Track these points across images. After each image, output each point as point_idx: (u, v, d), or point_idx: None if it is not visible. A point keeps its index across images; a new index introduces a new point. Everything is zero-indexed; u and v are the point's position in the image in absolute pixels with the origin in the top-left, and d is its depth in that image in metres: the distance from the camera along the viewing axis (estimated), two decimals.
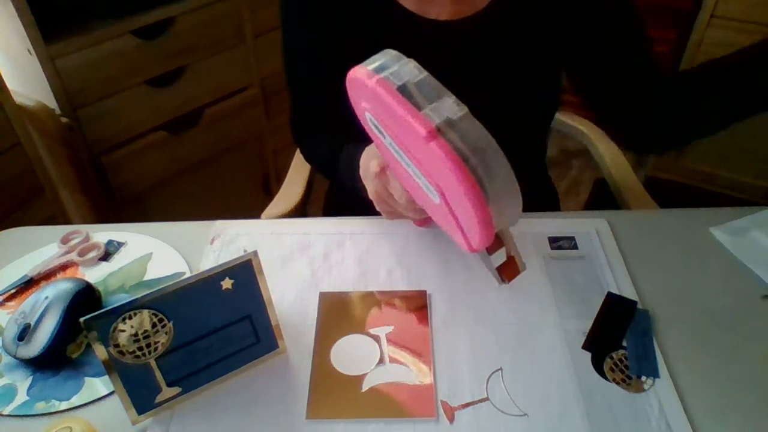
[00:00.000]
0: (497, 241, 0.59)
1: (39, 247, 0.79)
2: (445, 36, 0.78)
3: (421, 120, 0.52)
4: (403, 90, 0.54)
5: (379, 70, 0.56)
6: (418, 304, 0.69)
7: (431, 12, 0.77)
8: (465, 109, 0.53)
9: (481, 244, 0.55)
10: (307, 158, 1.00)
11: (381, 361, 0.63)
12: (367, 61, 0.58)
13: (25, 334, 0.64)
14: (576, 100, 0.88)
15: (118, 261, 0.77)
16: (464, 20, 0.77)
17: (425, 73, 0.55)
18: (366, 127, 0.64)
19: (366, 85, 0.56)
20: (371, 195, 0.72)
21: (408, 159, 0.57)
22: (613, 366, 0.62)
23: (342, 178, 0.82)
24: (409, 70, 0.55)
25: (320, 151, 0.92)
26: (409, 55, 0.79)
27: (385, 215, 0.74)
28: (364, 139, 0.69)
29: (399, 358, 0.63)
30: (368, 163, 0.70)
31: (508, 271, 0.60)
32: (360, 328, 0.67)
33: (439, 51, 0.79)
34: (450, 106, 0.53)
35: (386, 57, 0.57)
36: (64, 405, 0.60)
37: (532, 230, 0.79)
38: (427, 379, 0.61)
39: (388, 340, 0.65)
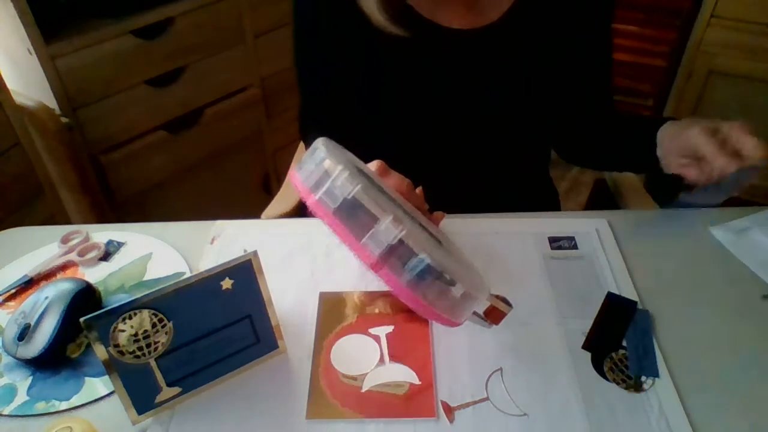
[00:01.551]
0: None
1: (39, 247, 0.79)
2: (456, 43, 0.78)
3: (363, 252, 0.52)
4: (341, 212, 0.53)
5: (315, 186, 0.55)
6: None
7: (444, 20, 0.77)
8: (404, 229, 0.52)
9: (455, 326, 0.58)
10: None
11: (381, 361, 0.63)
12: (302, 169, 0.57)
13: (25, 334, 0.64)
14: None
15: (118, 261, 0.77)
16: (476, 30, 0.77)
17: (361, 184, 0.53)
18: None
19: (306, 201, 0.55)
20: None
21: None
22: (613, 366, 0.62)
23: None
24: (343, 181, 0.54)
25: None
26: (420, 58, 0.79)
27: None
28: (368, 140, 0.68)
29: (399, 358, 0.63)
30: None
31: (493, 316, 0.60)
32: (360, 328, 0.67)
33: (448, 57, 0.79)
34: (388, 229, 0.52)
35: (319, 160, 0.56)
36: (64, 405, 0.60)
37: (532, 230, 0.79)
38: (427, 379, 0.61)
39: (388, 340, 0.65)
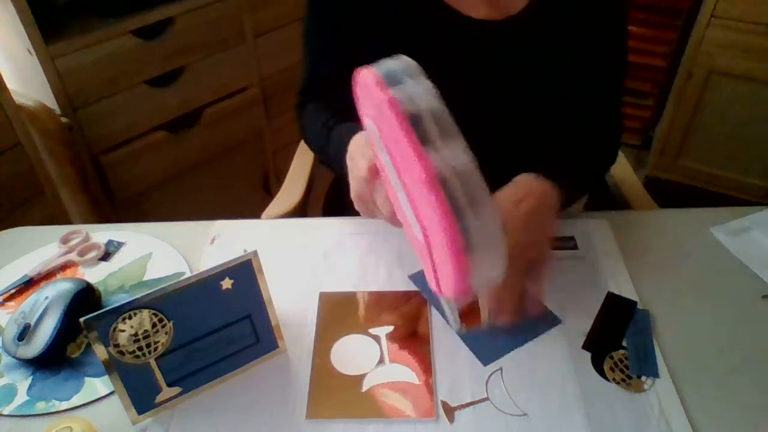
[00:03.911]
0: None
1: (39, 247, 0.79)
2: (477, 34, 0.78)
3: (425, 162, 0.47)
4: (414, 119, 0.48)
5: (393, 82, 0.50)
6: (418, 304, 0.69)
7: (466, 9, 0.77)
8: (471, 159, 0.48)
9: (449, 294, 0.52)
10: (303, 131, 0.95)
11: (381, 361, 0.63)
12: (382, 67, 0.52)
13: (25, 334, 0.64)
14: None
15: (117, 261, 0.77)
16: (496, 22, 0.77)
17: (440, 104, 0.49)
18: (366, 128, 0.60)
19: (376, 96, 0.51)
20: (353, 194, 0.66)
21: (400, 185, 0.53)
22: (613, 366, 0.62)
23: (331, 158, 0.79)
24: (424, 93, 0.50)
25: (316, 124, 0.87)
26: (438, 47, 0.78)
27: (362, 213, 0.68)
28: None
29: (399, 358, 0.63)
30: (357, 159, 0.65)
31: (469, 319, 0.58)
32: (360, 328, 0.67)
33: (468, 47, 0.79)
34: (457, 154, 0.48)
35: (402, 67, 0.51)
36: (64, 405, 0.60)
37: None
38: (427, 379, 0.61)
39: (388, 340, 0.65)
